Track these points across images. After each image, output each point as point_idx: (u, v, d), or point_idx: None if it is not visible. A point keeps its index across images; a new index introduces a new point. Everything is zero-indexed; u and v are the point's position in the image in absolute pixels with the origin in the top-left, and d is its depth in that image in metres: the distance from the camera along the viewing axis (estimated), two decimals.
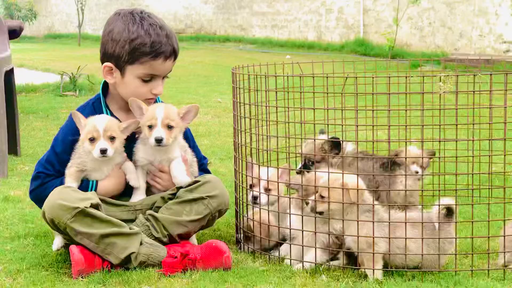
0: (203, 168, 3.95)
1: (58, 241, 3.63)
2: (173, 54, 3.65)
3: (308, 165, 4.09)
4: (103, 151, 3.49)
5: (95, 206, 3.40)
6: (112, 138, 3.53)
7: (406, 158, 4.02)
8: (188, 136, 3.90)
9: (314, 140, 4.00)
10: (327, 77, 3.46)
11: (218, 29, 20.80)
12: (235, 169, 3.95)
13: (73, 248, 3.37)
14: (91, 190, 3.58)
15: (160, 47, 3.59)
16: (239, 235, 3.89)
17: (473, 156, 4.16)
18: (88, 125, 3.53)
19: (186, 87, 10.80)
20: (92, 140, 3.52)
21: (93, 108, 3.72)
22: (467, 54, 13.62)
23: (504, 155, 3.30)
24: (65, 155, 3.65)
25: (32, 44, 22.74)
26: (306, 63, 4.18)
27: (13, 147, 6.02)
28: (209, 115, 8.36)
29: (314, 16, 18.36)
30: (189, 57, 15.89)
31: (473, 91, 3.37)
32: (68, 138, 3.68)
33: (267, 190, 3.79)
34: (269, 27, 19.42)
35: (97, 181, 3.62)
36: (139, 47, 3.58)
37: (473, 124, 4.20)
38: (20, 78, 10.74)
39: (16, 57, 14.47)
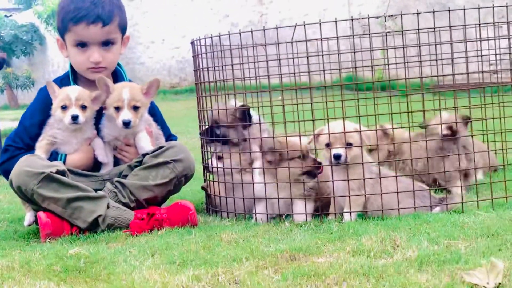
0: None
1: (29, 216, 3.68)
2: (99, 19, 3.71)
3: (214, 129, 3.86)
4: (75, 118, 3.59)
5: (61, 173, 3.46)
6: (83, 107, 3.64)
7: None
8: (156, 113, 3.99)
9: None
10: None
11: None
12: (201, 138, 4.00)
13: (41, 214, 3.43)
14: None
15: (79, 13, 3.69)
16: (208, 204, 3.93)
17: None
18: (61, 94, 3.65)
19: (176, 123, 10.90)
20: (64, 108, 3.63)
21: (60, 84, 3.79)
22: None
23: None
24: (33, 128, 3.73)
25: None
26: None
27: None
28: (196, 138, 8.44)
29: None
30: (183, 106, 16.04)
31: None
32: (36, 113, 3.77)
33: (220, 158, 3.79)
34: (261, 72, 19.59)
35: (66, 155, 3.70)
36: (65, 15, 3.74)
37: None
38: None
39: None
